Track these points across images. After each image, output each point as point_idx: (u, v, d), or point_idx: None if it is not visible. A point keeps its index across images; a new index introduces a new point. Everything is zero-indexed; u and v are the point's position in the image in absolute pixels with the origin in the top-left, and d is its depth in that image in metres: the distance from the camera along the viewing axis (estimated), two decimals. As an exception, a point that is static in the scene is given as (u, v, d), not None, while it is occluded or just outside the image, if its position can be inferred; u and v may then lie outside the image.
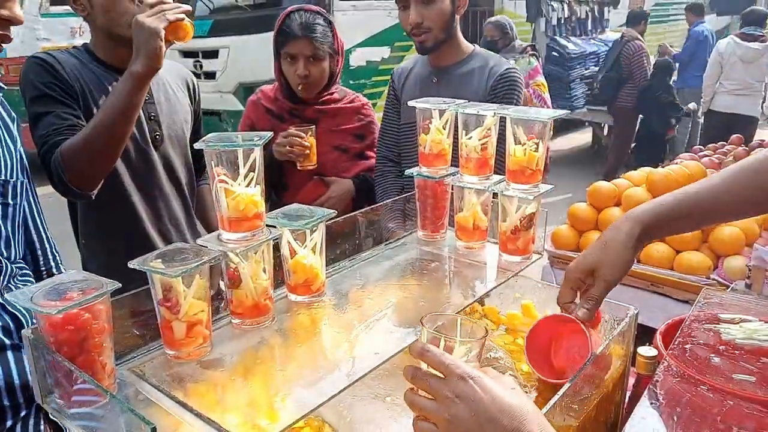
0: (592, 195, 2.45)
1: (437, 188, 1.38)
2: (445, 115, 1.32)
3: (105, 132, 1.42)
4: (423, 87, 2.01)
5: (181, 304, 0.92)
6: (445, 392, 0.71)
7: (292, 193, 2.13)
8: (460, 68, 2.00)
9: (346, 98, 2.21)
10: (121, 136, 1.46)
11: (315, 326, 1.09)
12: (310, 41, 1.98)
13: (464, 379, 0.71)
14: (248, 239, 1.01)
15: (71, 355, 0.83)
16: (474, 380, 0.71)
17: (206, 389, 0.91)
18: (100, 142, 1.43)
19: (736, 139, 3.96)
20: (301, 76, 2.01)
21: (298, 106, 2.13)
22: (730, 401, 1.00)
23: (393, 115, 2.14)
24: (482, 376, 0.72)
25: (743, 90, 5.80)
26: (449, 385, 0.71)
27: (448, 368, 0.72)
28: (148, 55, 1.38)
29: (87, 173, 1.46)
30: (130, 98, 1.42)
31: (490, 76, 1.97)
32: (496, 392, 0.70)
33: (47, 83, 1.50)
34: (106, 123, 1.42)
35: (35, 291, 0.83)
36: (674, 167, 2.48)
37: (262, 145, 1.00)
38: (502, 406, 0.69)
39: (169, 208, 1.75)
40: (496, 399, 0.70)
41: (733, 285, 1.90)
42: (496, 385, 0.72)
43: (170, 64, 1.87)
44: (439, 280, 1.32)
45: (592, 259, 1.03)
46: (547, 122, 1.20)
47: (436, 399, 0.72)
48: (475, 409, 0.69)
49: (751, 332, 1.18)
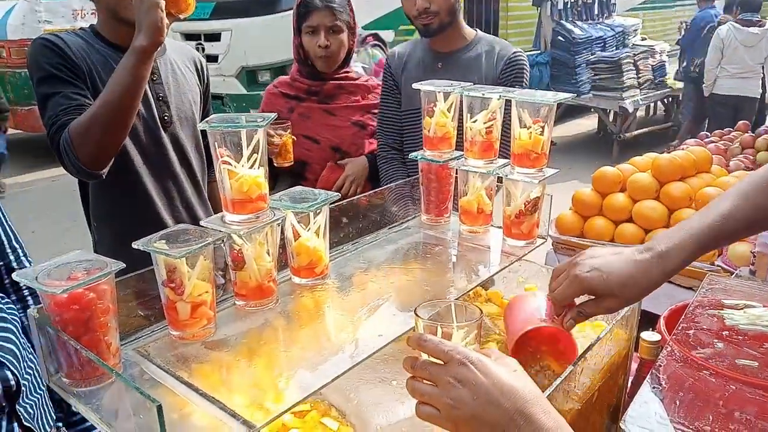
0: (597, 180, 2.44)
1: (441, 172, 1.38)
2: (450, 98, 1.31)
3: (112, 109, 1.42)
4: (426, 73, 1.99)
5: (186, 285, 0.92)
6: (446, 378, 0.71)
7: (311, 183, 2.18)
8: (466, 53, 1.99)
9: (362, 77, 2.27)
10: (128, 112, 1.46)
11: (318, 309, 1.09)
12: (331, 11, 2.04)
13: (464, 363, 0.71)
14: (252, 221, 1.01)
15: (76, 335, 0.83)
16: (474, 364, 0.71)
17: (211, 370, 0.91)
18: (107, 119, 1.43)
19: (742, 126, 3.95)
20: (322, 47, 2.06)
21: (317, 83, 2.17)
22: (733, 386, 1.00)
23: (392, 101, 2.14)
24: (483, 360, 0.72)
25: (745, 72, 6.14)
26: (450, 371, 0.72)
27: (448, 354, 0.72)
28: (150, 27, 1.38)
29: (96, 152, 1.46)
30: (135, 73, 1.41)
31: (498, 60, 1.95)
32: (497, 375, 0.71)
33: (54, 64, 1.49)
34: (112, 99, 1.42)
35: (40, 270, 0.84)
36: (680, 153, 2.47)
37: (265, 127, 1.00)
38: (504, 389, 0.70)
39: (180, 189, 1.75)
40: (498, 382, 0.70)
41: (737, 271, 1.90)
42: (497, 367, 0.72)
43: (178, 44, 1.87)
44: (443, 263, 1.32)
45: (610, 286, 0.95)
46: (553, 105, 1.19)
47: (437, 385, 0.73)
48: (476, 392, 0.70)
49: (755, 318, 1.18)
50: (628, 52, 7.83)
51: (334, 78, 2.17)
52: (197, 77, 1.84)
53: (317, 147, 2.17)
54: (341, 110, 2.18)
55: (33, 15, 6.89)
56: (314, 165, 2.20)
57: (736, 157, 3.28)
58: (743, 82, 6.14)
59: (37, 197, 5.71)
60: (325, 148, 2.17)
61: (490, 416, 0.69)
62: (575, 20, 8.87)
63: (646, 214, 2.27)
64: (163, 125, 1.68)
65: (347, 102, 2.20)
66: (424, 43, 2.08)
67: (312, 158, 2.19)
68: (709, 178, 2.38)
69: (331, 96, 2.18)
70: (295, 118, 2.16)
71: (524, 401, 0.69)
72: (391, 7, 6.59)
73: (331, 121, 2.19)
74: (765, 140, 3.35)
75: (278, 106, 2.21)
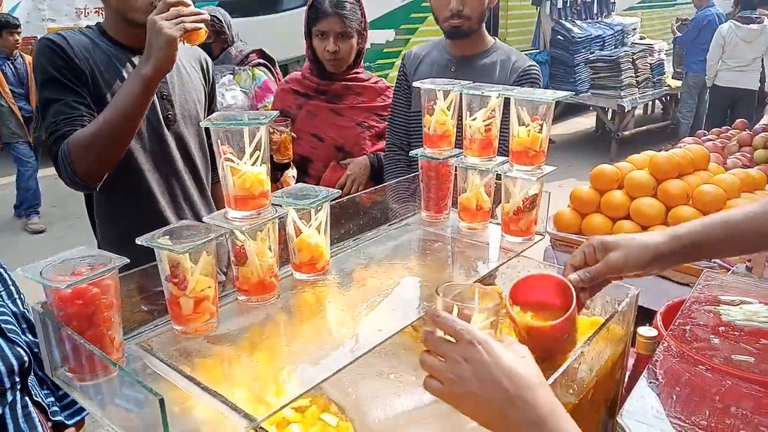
0: (595, 178, 2.45)
1: (441, 169, 1.39)
2: (450, 96, 1.32)
3: (111, 131, 1.43)
4: (438, 75, 1.98)
5: (189, 280, 0.93)
6: (454, 354, 0.75)
7: (314, 180, 2.22)
8: (481, 59, 1.98)
9: (372, 79, 2.29)
10: (129, 133, 1.47)
11: (319, 304, 1.10)
12: (341, 18, 2.05)
13: (473, 343, 0.74)
14: (254, 217, 1.02)
15: (80, 329, 0.84)
16: (482, 344, 0.74)
17: (213, 364, 0.92)
18: (106, 140, 1.44)
19: (740, 124, 3.96)
20: (331, 52, 2.08)
21: (325, 82, 2.20)
22: (729, 381, 1.02)
23: (402, 101, 2.14)
24: (490, 341, 0.75)
25: (745, 66, 6.53)
26: (458, 348, 0.75)
27: (458, 332, 0.76)
28: (160, 60, 1.38)
29: (93, 168, 1.47)
30: (138, 100, 1.42)
31: (512, 71, 1.95)
32: (502, 357, 0.73)
33: (57, 67, 1.49)
34: (114, 120, 1.42)
35: (45, 265, 0.85)
36: (677, 151, 2.48)
37: (267, 124, 1.01)
38: (505, 370, 0.72)
39: (184, 188, 1.76)
40: (501, 363, 0.73)
41: (733, 268, 1.91)
42: (504, 351, 0.75)
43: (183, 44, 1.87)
44: (442, 260, 1.33)
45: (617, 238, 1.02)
46: (551, 103, 1.20)
47: (445, 360, 0.76)
48: (479, 370, 0.73)
49: (751, 314, 1.19)
50: (626, 51, 7.84)
51: (343, 78, 2.19)
52: (202, 77, 1.84)
53: (322, 145, 2.20)
54: (347, 110, 2.20)
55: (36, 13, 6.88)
56: (317, 162, 2.23)
57: (734, 154, 3.29)
58: (742, 75, 6.53)
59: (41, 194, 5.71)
60: (329, 147, 2.20)
61: (490, 396, 0.72)
62: (574, 19, 8.88)
63: (643, 211, 2.29)
64: (166, 123, 1.68)
65: (354, 103, 2.22)
66: (441, 45, 2.07)
67: (315, 155, 2.22)
68: (707, 176, 2.39)
69: (339, 96, 2.20)
70: (303, 115, 2.20)
71: (525, 386, 0.71)
72: (392, 6, 6.59)
73: (337, 120, 2.21)
74: (762, 138, 3.36)
75: (288, 102, 2.25)
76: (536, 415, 0.70)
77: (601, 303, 1.23)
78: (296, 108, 2.22)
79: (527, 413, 0.70)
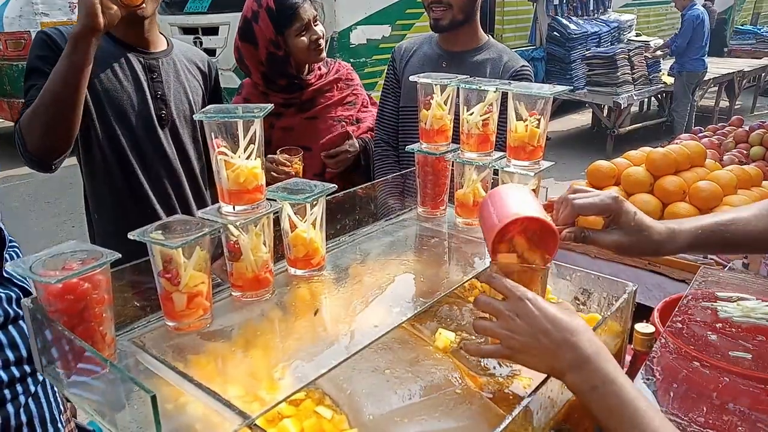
0: (592, 174, 2.44)
1: (438, 164, 1.38)
2: (447, 90, 1.31)
3: (51, 98, 1.41)
4: (429, 70, 1.94)
5: (182, 275, 0.92)
6: (506, 311, 0.84)
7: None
8: (473, 56, 1.96)
9: (332, 69, 2.19)
10: (69, 102, 1.43)
11: (315, 300, 1.09)
12: (309, 1, 1.97)
13: (522, 300, 0.83)
14: (248, 212, 1.01)
15: (71, 325, 0.83)
16: (530, 300, 0.83)
17: (206, 360, 0.91)
18: (48, 108, 1.42)
19: (736, 121, 3.96)
20: (315, 40, 1.99)
21: (295, 95, 2.09)
22: (726, 378, 1.01)
23: (391, 97, 2.11)
24: (537, 297, 0.84)
25: None
26: (509, 305, 0.84)
27: (510, 290, 0.85)
28: (85, 13, 1.36)
29: (41, 142, 1.46)
30: (70, 61, 1.39)
31: (504, 71, 1.92)
32: (549, 310, 0.82)
33: (43, 56, 1.50)
34: (52, 88, 1.41)
35: (34, 260, 0.83)
36: (674, 147, 2.48)
37: (262, 117, 0.99)
38: (554, 321, 0.81)
39: (178, 188, 1.75)
40: (548, 315, 0.81)
41: (730, 264, 1.91)
42: (550, 305, 0.83)
43: (188, 46, 1.86)
44: (439, 255, 1.32)
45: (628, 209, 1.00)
46: (549, 98, 1.19)
47: (497, 318, 0.85)
48: (530, 324, 0.81)
49: (748, 310, 1.18)
50: (622, 48, 7.85)
51: (311, 84, 2.10)
52: (202, 79, 1.83)
53: (309, 154, 2.07)
54: (320, 112, 2.11)
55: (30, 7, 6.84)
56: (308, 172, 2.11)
57: (730, 151, 3.30)
58: None
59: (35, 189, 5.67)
60: (316, 155, 2.08)
61: (541, 344, 0.80)
62: (571, 16, 8.88)
63: (639, 207, 2.24)
64: (160, 123, 1.67)
65: (325, 102, 2.13)
66: (433, 39, 2.04)
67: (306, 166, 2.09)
68: (703, 172, 2.39)
69: (309, 101, 2.11)
70: (278, 134, 2.09)
71: (571, 332, 0.80)
72: (388, 2, 6.56)
73: (315, 125, 2.12)
74: (759, 135, 3.36)
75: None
76: (580, 356, 0.78)
77: (597, 299, 1.22)
78: (268, 128, 2.07)
79: (572, 355, 0.78)
